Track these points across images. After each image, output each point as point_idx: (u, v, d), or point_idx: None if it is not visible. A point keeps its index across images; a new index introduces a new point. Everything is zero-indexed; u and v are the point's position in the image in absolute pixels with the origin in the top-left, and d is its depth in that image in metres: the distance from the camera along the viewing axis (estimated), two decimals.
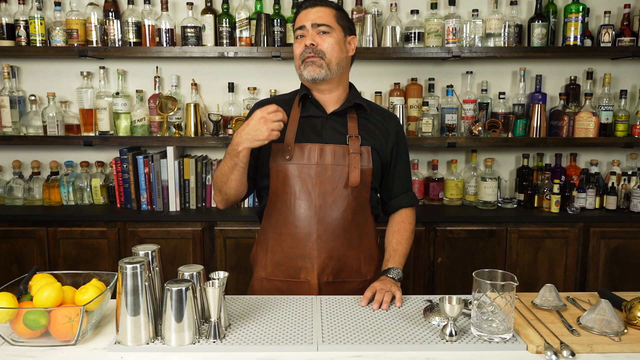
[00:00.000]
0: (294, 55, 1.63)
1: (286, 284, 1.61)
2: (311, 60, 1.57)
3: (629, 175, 2.79)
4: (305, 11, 1.61)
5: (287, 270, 1.60)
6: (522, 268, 2.64)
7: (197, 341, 1.20)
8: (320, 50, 1.57)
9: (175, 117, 2.82)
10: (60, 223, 2.61)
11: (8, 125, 2.79)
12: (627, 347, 1.19)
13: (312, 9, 1.60)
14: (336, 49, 1.59)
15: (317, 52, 1.57)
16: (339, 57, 1.60)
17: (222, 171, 1.57)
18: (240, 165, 1.51)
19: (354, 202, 1.60)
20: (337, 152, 1.58)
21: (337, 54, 1.59)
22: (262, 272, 1.65)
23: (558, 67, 2.94)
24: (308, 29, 1.59)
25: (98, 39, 2.75)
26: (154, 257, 1.28)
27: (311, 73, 1.58)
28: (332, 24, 1.59)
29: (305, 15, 1.61)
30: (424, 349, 1.19)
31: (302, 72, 1.60)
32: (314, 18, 1.58)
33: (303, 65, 1.59)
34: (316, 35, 1.58)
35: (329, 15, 1.60)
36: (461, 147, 2.96)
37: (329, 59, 1.58)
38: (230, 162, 1.52)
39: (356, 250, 1.63)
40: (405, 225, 1.72)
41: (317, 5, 1.61)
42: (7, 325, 1.19)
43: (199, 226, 2.62)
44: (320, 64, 1.57)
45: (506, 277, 1.22)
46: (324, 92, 1.65)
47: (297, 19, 1.64)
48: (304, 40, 1.59)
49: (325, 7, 1.61)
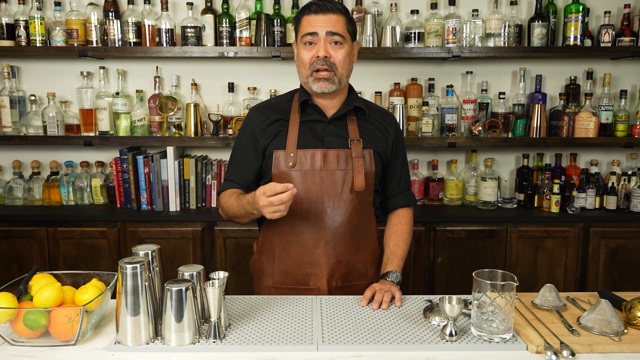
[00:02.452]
0: (301, 61, 1.56)
1: (295, 291, 1.59)
2: (324, 77, 1.52)
3: (629, 175, 2.79)
4: (317, 16, 1.52)
5: (296, 277, 1.59)
6: (522, 268, 2.64)
7: (197, 341, 1.20)
8: (333, 64, 1.52)
9: (175, 117, 2.82)
10: (60, 223, 2.61)
11: (8, 125, 2.79)
12: (627, 347, 1.19)
13: (324, 15, 1.51)
14: (347, 61, 1.55)
15: (330, 65, 1.52)
16: (349, 69, 1.58)
17: (234, 210, 1.56)
18: (255, 216, 1.51)
19: (359, 206, 1.59)
20: (340, 156, 1.57)
21: (348, 66, 1.56)
22: (269, 281, 1.63)
23: (558, 67, 2.94)
24: (321, 38, 1.51)
25: (98, 39, 2.75)
26: (154, 257, 1.28)
27: (322, 88, 1.54)
28: (344, 33, 1.53)
29: (317, 20, 1.52)
30: (424, 349, 1.19)
31: (311, 83, 1.55)
32: (328, 26, 1.51)
33: (312, 77, 1.54)
34: (329, 45, 1.52)
35: (342, 24, 1.53)
36: (461, 147, 2.96)
37: (341, 72, 1.54)
38: (245, 211, 1.50)
39: (362, 254, 1.63)
40: (403, 227, 1.70)
41: (330, 12, 1.52)
42: (7, 325, 1.19)
43: (199, 226, 2.62)
44: (333, 80, 1.53)
45: (506, 277, 1.22)
46: (327, 98, 1.61)
47: (305, 22, 1.54)
48: (315, 49, 1.52)
49: (337, 15, 1.53)
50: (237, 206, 1.54)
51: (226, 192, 1.64)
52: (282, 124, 1.61)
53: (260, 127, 1.62)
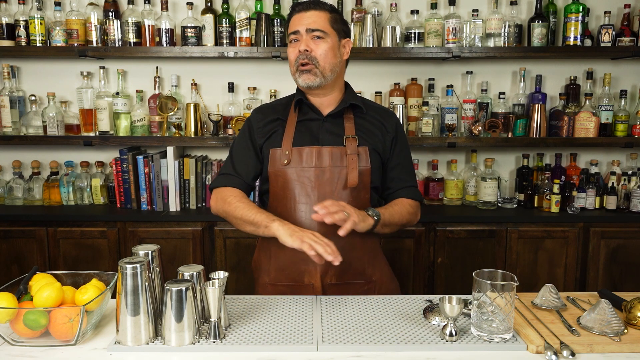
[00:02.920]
0: (289, 60, 1.63)
1: (290, 288, 1.60)
2: (306, 69, 1.58)
3: (629, 175, 2.79)
4: (299, 15, 1.60)
5: (291, 274, 1.60)
6: (522, 268, 2.64)
7: (197, 341, 1.20)
8: (314, 57, 1.57)
9: (175, 117, 2.82)
10: (60, 223, 2.61)
11: (8, 125, 2.79)
12: (627, 347, 1.19)
13: (306, 12, 1.59)
14: (330, 55, 1.59)
15: (311, 59, 1.57)
16: (333, 63, 1.60)
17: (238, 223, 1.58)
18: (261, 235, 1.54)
19: (354, 203, 1.59)
20: (334, 153, 1.58)
21: (331, 60, 1.59)
22: (266, 278, 1.65)
23: (558, 67, 2.94)
24: (302, 34, 1.58)
25: (98, 39, 2.75)
26: (154, 257, 1.28)
27: (306, 81, 1.59)
28: (326, 28, 1.59)
29: (299, 19, 1.60)
30: (424, 349, 1.19)
31: (297, 79, 1.62)
32: (308, 23, 1.58)
33: (298, 72, 1.60)
34: (310, 40, 1.58)
35: (324, 20, 1.59)
36: (461, 147, 2.96)
37: (323, 66, 1.58)
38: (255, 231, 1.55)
39: (359, 252, 1.63)
40: (404, 203, 1.67)
41: (311, 9, 1.59)
42: (7, 325, 1.19)
43: (199, 226, 2.62)
44: (315, 72, 1.58)
45: (506, 277, 1.22)
46: (319, 95, 1.65)
47: (290, 23, 1.63)
48: (298, 45, 1.59)
49: (319, 11, 1.60)
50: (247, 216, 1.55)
51: (228, 190, 1.63)
52: (279, 123, 1.65)
53: (258, 126, 1.66)
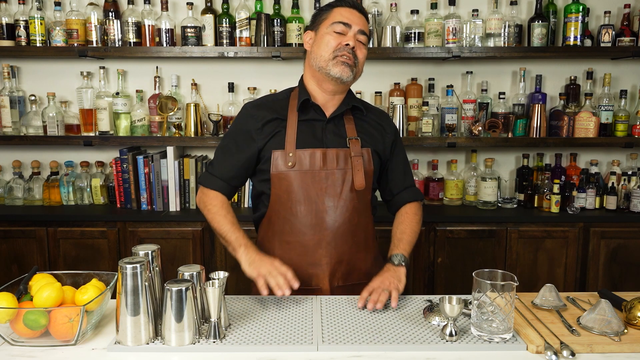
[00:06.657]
0: (325, 44, 1.55)
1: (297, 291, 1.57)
2: (347, 62, 1.54)
3: (629, 175, 2.79)
4: (350, 10, 1.57)
5: (299, 278, 1.56)
6: (522, 268, 2.63)
7: (197, 341, 1.21)
8: (357, 57, 1.56)
9: (175, 117, 2.82)
10: (60, 223, 2.61)
11: (8, 125, 2.79)
12: (627, 347, 1.19)
13: (359, 13, 1.58)
14: (363, 62, 1.60)
15: (354, 57, 1.56)
16: (362, 70, 1.62)
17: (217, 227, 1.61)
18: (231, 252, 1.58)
19: (358, 205, 1.59)
20: (339, 155, 1.57)
21: (362, 67, 1.61)
22: None
23: (558, 67, 2.94)
24: (352, 31, 1.55)
25: (98, 39, 2.75)
26: (154, 257, 1.28)
27: (341, 73, 1.53)
28: (367, 38, 1.61)
29: (350, 13, 1.56)
30: (424, 349, 1.19)
31: (330, 67, 1.54)
32: (360, 24, 1.57)
33: (334, 61, 1.54)
34: (357, 42, 1.56)
35: (367, 28, 1.61)
36: (461, 147, 2.96)
37: (359, 69, 1.59)
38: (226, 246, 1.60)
39: (363, 253, 1.63)
40: (410, 216, 1.69)
41: (361, 12, 1.60)
42: (7, 325, 1.19)
43: (199, 226, 2.62)
44: (352, 69, 1.56)
45: (506, 277, 1.22)
46: (333, 93, 1.61)
47: (338, 13, 1.56)
48: (344, 38, 1.54)
49: (365, 19, 1.61)
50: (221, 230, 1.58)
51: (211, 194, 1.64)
52: (279, 123, 1.59)
53: (257, 127, 1.59)
